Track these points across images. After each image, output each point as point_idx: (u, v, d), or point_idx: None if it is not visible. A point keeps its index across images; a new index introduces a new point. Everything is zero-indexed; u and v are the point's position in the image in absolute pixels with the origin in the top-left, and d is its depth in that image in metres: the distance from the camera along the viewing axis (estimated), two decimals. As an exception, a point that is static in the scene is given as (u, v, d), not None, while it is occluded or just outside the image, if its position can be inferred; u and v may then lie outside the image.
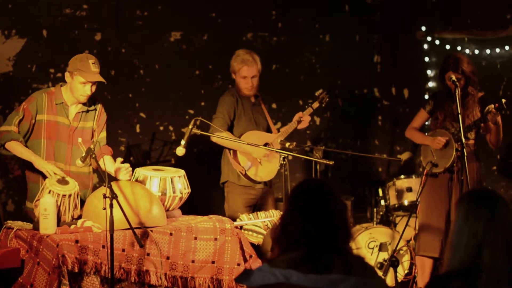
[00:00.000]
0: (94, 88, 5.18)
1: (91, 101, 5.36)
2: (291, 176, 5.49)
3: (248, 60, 6.13)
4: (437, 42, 8.25)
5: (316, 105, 6.47)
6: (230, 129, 6.16)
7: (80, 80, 5.13)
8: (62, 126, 5.26)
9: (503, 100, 5.82)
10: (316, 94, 6.50)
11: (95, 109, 5.39)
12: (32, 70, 6.89)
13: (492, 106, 5.85)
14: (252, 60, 6.15)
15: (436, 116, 6.22)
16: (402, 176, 7.12)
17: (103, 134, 5.48)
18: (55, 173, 4.98)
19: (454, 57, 6.11)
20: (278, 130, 6.39)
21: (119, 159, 5.27)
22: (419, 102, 7.29)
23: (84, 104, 5.29)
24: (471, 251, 2.70)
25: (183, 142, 5.20)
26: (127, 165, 5.26)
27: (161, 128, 7.48)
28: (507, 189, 7.95)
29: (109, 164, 5.30)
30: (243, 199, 6.20)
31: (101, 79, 5.16)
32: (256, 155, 6.11)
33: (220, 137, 5.81)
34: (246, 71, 6.14)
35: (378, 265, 6.71)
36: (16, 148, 5.13)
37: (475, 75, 6.09)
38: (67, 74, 5.20)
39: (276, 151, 5.68)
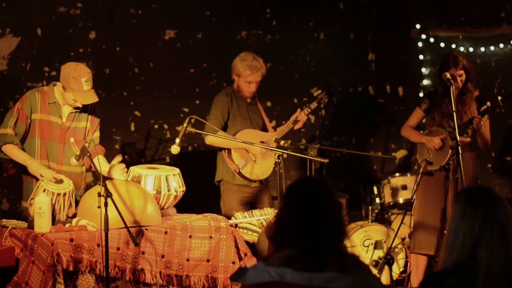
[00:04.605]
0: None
1: None
2: (286, 174, 5.49)
3: (256, 67, 6.13)
4: (432, 40, 8.26)
5: (314, 105, 6.46)
6: (225, 129, 6.16)
7: (72, 98, 5.14)
8: (55, 125, 5.25)
9: (499, 98, 5.84)
10: (315, 94, 6.48)
11: (89, 110, 5.37)
12: (27, 69, 6.87)
13: (489, 103, 5.88)
14: (259, 66, 6.15)
15: (433, 115, 6.22)
16: (397, 174, 7.12)
17: (97, 134, 5.47)
18: (50, 179, 4.97)
19: (453, 55, 6.12)
20: (274, 129, 6.38)
21: (118, 158, 5.26)
22: (413, 100, 7.30)
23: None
24: (467, 250, 2.70)
25: (178, 140, 5.20)
26: (123, 165, 5.25)
27: (156, 126, 7.48)
28: (502, 187, 7.96)
29: (101, 163, 5.29)
30: (239, 197, 6.21)
31: (94, 100, 5.16)
32: (252, 151, 6.12)
33: (215, 135, 5.81)
34: (253, 77, 6.15)
35: (373, 263, 6.71)
36: (12, 152, 5.12)
37: (474, 71, 6.13)
38: (60, 84, 5.18)
39: (271, 149, 5.68)
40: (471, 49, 8.05)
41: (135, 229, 4.87)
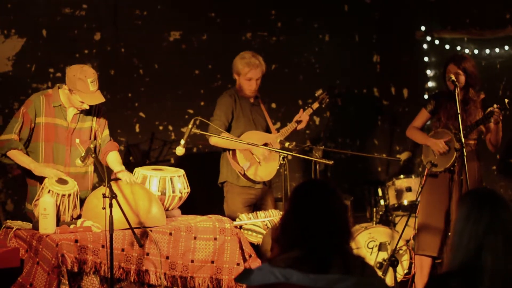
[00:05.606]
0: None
1: None
2: (290, 176, 5.49)
3: (255, 63, 6.13)
4: (437, 42, 8.25)
5: (316, 105, 6.46)
6: (228, 130, 6.15)
7: (80, 99, 5.14)
8: (60, 128, 5.26)
9: (506, 100, 5.82)
10: (316, 94, 6.50)
11: (93, 110, 5.37)
12: (32, 70, 6.89)
13: (495, 105, 5.85)
14: (258, 63, 6.15)
15: (439, 117, 6.20)
16: (402, 176, 7.12)
17: (106, 132, 5.48)
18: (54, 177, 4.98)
19: (461, 54, 6.11)
20: (278, 130, 6.38)
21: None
22: (418, 102, 7.29)
23: None
24: (471, 252, 2.69)
25: (182, 141, 5.20)
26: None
27: (161, 127, 7.48)
28: (506, 189, 7.94)
29: (113, 160, 5.33)
30: (242, 199, 6.20)
31: (100, 100, 5.17)
32: (256, 153, 6.11)
33: (220, 137, 5.80)
34: (252, 73, 6.14)
35: (378, 265, 6.71)
36: (17, 157, 5.13)
37: (477, 77, 6.05)
38: (66, 87, 5.18)
39: (276, 151, 5.68)
40: (476, 51, 8.04)
41: (140, 230, 4.87)
